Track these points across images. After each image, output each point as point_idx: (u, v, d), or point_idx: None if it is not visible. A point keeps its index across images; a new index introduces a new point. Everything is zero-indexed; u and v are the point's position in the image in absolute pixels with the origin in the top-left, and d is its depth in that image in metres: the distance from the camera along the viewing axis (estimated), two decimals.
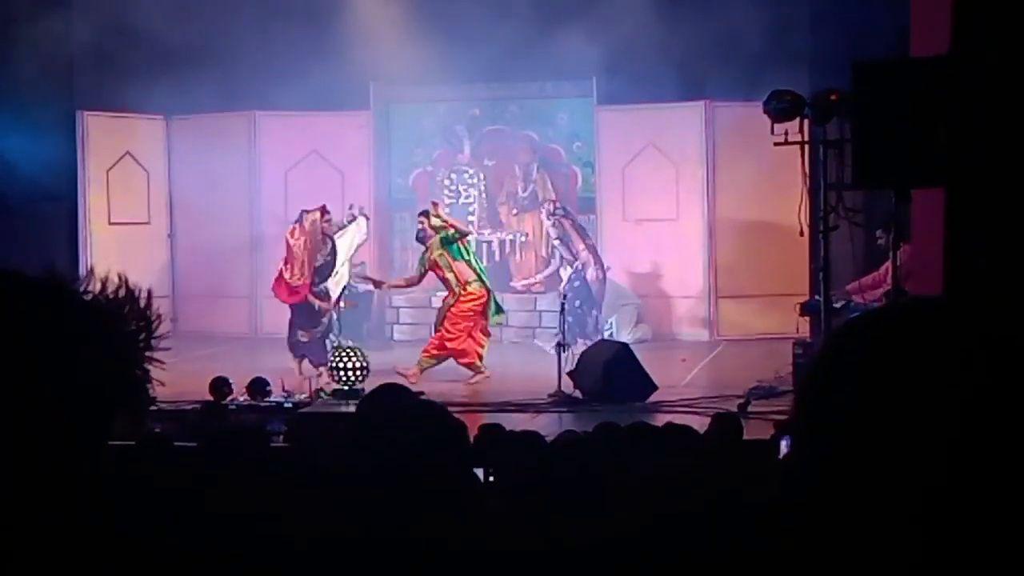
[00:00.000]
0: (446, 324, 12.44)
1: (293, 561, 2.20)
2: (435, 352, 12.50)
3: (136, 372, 1.28)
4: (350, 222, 13.54)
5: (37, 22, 14.14)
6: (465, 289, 12.44)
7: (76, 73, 15.20)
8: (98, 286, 1.28)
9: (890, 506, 1.06)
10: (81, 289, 1.28)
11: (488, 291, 12.60)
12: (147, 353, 1.29)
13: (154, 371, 1.30)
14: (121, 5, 14.39)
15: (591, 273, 14.07)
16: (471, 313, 12.46)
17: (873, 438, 1.07)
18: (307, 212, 12.88)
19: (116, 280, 1.29)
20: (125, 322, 1.28)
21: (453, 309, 12.43)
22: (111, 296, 1.28)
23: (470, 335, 12.47)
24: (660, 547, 1.46)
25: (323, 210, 12.89)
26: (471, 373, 12.36)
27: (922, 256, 9.03)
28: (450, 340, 12.41)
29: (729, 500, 1.42)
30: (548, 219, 14.47)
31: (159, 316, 1.31)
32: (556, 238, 14.34)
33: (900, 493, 1.06)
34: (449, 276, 12.52)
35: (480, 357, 12.46)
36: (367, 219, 13.81)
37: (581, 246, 14.16)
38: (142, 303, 1.29)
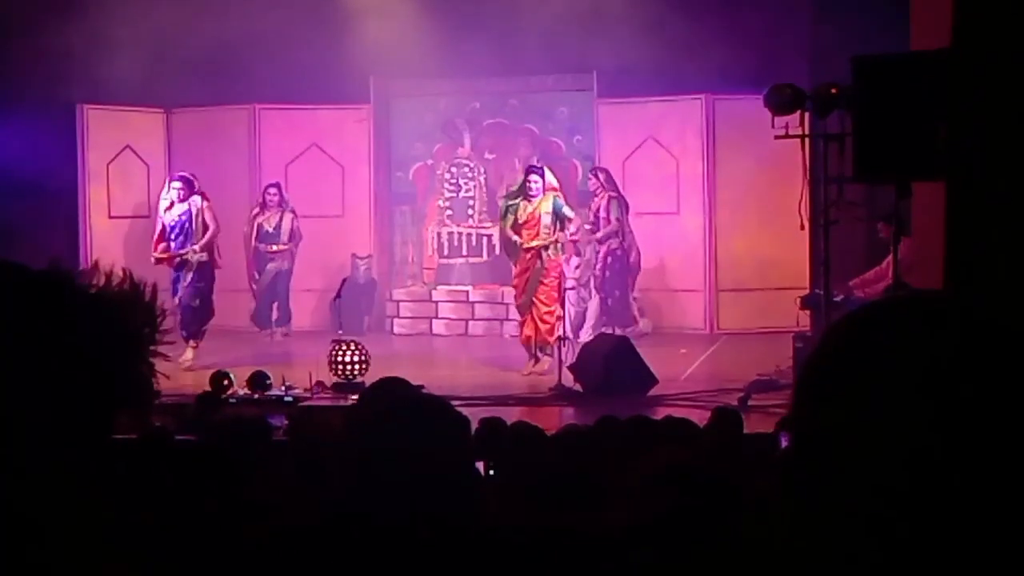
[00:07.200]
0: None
1: (293, 553, 2.21)
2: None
3: (141, 368, 1.27)
4: None
5: (36, 15, 14.11)
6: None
7: (75, 66, 15.16)
8: (103, 280, 1.28)
9: (889, 501, 1.06)
10: (86, 283, 1.28)
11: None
12: (152, 348, 1.29)
13: (158, 366, 1.29)
14: None
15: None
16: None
17: (872, 432, 1.08)
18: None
19: (121, 275, 1.28)
20: (130, 317, 1.28)
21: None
22: (116, 291, 1.28)
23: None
24: (660, 540, 1.47)
25: None
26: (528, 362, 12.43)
27: (923, 250, 9.03)
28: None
29: (729, 494, 1.43)
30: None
31: (164, 312, 1.30)
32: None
33: (899, 487, 1.06)
34: None
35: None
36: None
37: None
38: (147, 298, 1.29)
